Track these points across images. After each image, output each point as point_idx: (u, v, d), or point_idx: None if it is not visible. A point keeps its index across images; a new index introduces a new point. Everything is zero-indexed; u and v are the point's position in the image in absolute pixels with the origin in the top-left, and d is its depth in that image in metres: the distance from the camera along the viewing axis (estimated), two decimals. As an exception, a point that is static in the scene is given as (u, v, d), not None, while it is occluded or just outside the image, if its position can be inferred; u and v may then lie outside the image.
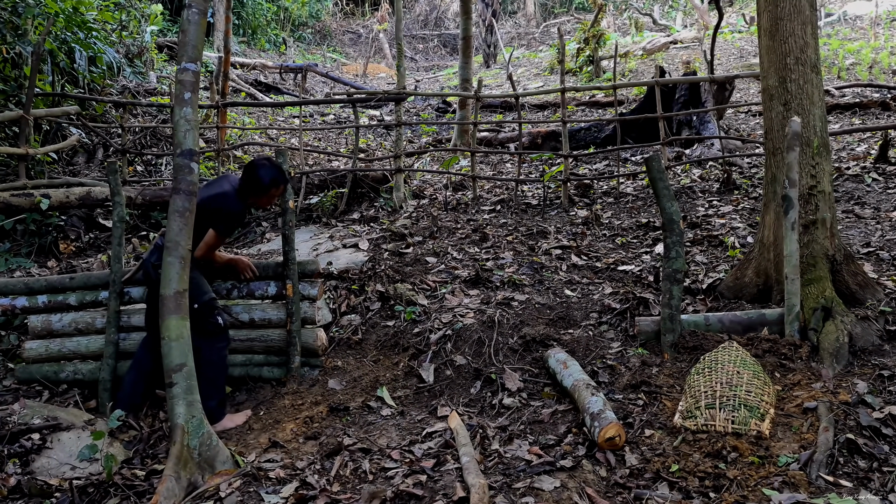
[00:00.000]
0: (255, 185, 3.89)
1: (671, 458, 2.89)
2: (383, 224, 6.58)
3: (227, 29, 10.28)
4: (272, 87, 14.51)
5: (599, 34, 14.02)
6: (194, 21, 3.46)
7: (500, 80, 15.86)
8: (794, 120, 3.88)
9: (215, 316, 3.86)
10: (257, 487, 2.99)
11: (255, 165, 3.89)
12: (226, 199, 3.85)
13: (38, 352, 4.54)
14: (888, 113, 8.88)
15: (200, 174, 8.24)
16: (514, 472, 2.91)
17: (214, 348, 3.86)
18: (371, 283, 5.06)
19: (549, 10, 25.78)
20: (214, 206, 3.81)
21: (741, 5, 19.49)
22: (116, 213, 4.52)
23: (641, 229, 5.98)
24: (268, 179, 3.88)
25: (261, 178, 3.86)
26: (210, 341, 3.83)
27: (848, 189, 6.26)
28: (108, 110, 8.82)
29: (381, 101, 10.89)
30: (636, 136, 8.88)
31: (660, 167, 3.96)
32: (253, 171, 3.86)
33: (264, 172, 3.87)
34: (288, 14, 21.41)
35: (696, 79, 8.53)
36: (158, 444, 3.87)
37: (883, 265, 4.55)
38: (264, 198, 3.97)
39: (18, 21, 7.52)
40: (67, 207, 6.61)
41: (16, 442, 3.60)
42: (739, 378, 3.12)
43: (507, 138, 10.10)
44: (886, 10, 14.93)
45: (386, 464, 3.13)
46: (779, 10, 4.14)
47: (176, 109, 3.44)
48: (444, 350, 4.31)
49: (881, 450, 2.78)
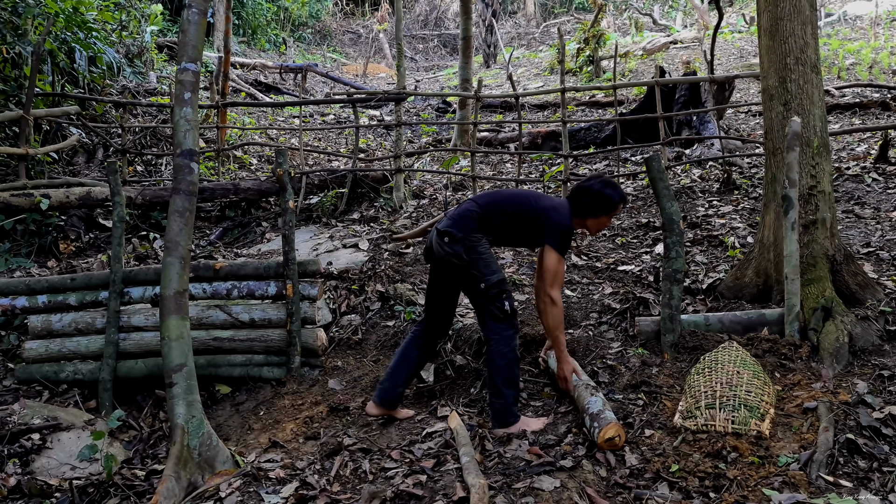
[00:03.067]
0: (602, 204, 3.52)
1: (671, 458, 2.89)
2: (383, 224, 6.58)
3: (227, 29, 10.29)
4: (272, 87, 14.51)
5: (599, 34, 14.02)
6: (194, 21, 3.46)
7: (500, 80, 15.86)
8: (794, 120, 3.88)
9: (503, 300, 3.39)
10: (257, 487, 2.99)
11: (603, 183, 3.55)
12: (551, 216, 3.45)
13: (38, 352, 4.54)
14: (888, 113, 8.88)
15: (200, 174, 8.26)
16: (514, 472, 2.91)
17: (503, 337, 3.40)
18: (371, 283, 5.06)
19: (549, 10, 25.78)
20: (540, 218, 3.42)
21: (741, 5, 19.49)
22: (116, 213, 4.52)
23: (641, 229, 5.98)
24: (617, 198, 3.55)
25: (610, 196, 3.52)
26: (498, 327, 3.41)
27: (848, 189, 6.26)
28: (108, 110, 8.82)
29: (381, 101, 10.89)
30: (636, 136, 8.88)
31: (660, 167, 3.96)
32: (600, 190, 3.52)
33: (612, 192, 3.53)
34: (288, 14, 21.41)
35: (696, 79, 8.53)
36: (158, 444, 3.87)
37: (883, 265, 4.55)
38: (605, 217, 3.59)
39: (18, 21, 7.52)
40: (67, 207, 6.61)
41: (16, 442, 3.60)
42: (739, 378, 3.12)
43: (507, 138, 10.10)
44: (886, 10, 14.93)
45: (386, 464, 3.13)
46: (779, 10, 4.14)
47: (176, 109, 3.44)
48: (444, 350, 4.31)
49: (881, 450, 2.78)
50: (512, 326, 3.45)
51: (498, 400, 3.40)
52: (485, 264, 3.39)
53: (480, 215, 3.45)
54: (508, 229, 3.52)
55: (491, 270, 3.39)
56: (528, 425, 3.34)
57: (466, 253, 3.37)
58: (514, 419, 3.36)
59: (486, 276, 3.37)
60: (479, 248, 3.40)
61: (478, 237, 3.42)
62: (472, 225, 3.43)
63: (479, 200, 3.55)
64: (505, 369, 3.39)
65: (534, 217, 3.46)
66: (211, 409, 4.17)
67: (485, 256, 3.40)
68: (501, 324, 3.41)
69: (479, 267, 3.38)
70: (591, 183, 3.57)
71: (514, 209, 3.51)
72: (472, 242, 3.39)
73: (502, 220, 3.49)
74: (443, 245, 3.41)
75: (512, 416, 3.37)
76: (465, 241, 3.38)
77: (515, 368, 3.44)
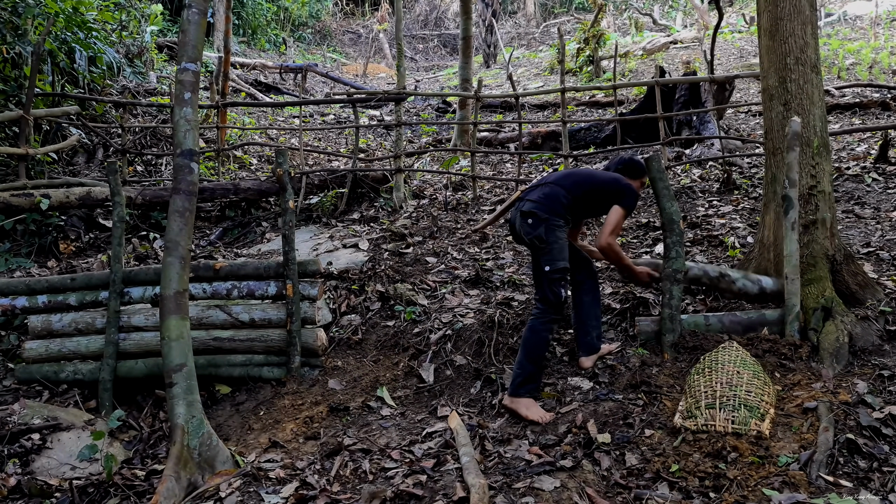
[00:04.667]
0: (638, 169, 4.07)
1: (671, 457, 2.89)
2: (383, 224, 6.58)
3: (227, 29, 10.29)
4: (272, 87, 14.51)
5: (599, 34, 14.02)
6: (194, 21, 3.46)
7: (500, 80, 15.86)
8: (794, 120, 3.88)
9: (560, 287, 3.66)
10: (257, 487, 2.99)
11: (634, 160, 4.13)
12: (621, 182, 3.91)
13: (38, 352, 4.54)
14: (888, 113, 8.87)
15: (200, 174, 8.26)
16: (514, 472, 2.91)
17: (545, 318, 3.67)
18: (371, 283, 5.06)
19: (549, 10, 25.78)
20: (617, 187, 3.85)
21: (741, 5, 19.49)
22: (116, 213, 4.53)
23: (641, 229, 5.98)
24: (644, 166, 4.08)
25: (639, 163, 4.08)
26: (545, 308, 3.67)
27: (848, 189, 6.26)
28: (108, 110, 8.82)
29: (381, 101, 10.89)
30: (636, 136, 8.87)
31: (660, 167, 3.96)
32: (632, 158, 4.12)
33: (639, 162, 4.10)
34: (288, 14, 21.41)
35: (696, 79, 8.53)
36: (158, 444, 3.87)
37: (883, 265, 4.55)
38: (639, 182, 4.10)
39: (18, 21, 7.52)
40: (67, 207, 6.61)
41: (16, 442, 3.60)
42: (739, 378, 3.12)
43: (507, 138, 10.10)
44: (886, 10, 14.93)
45: (386, 464, 3.13)
46: (779, 10, 4.13)
47: (176, 109, 3.44)
48: (444, 350, 4.31)
49: (881, 450, 2.78)
50: (557, 312, 3.72)
51: (518, 370, 3.64)
52: (558, 249, 3.66)
53: (569, 198, 3.76)
54: (593, 204, 3.87)
55: (561, 257, 3.67)
56: (530, 409, 3.52)
57: (546, 234, 3.65)
58: (524, 392, 3.59)
59: (554, 261, 3.64)
60: (558, 233, 3.69)
61: (560, 222, 3.72)
62: (559, 208, 3.72)
63: (563, 183, 3.83)
64: (534, 346, 3.64)
65: (611, 189, 3.83)
66: (211, 409, 4.17)
67: (560, 242, 3.69)
68: (550, 307, 3.67)
69: (552, 251, 3.65)
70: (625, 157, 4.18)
71: (596, 185, 3.86)
72: (553, 225, 3.68)
73: (589, 197, 3.83)
74: (525, 225, 3.72)
75: (524, 389, 3.60)
76: (549, 223, 3.67)
77: (543, 349, 3.69)
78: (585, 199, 3.82)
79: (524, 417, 3.48)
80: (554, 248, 3.65)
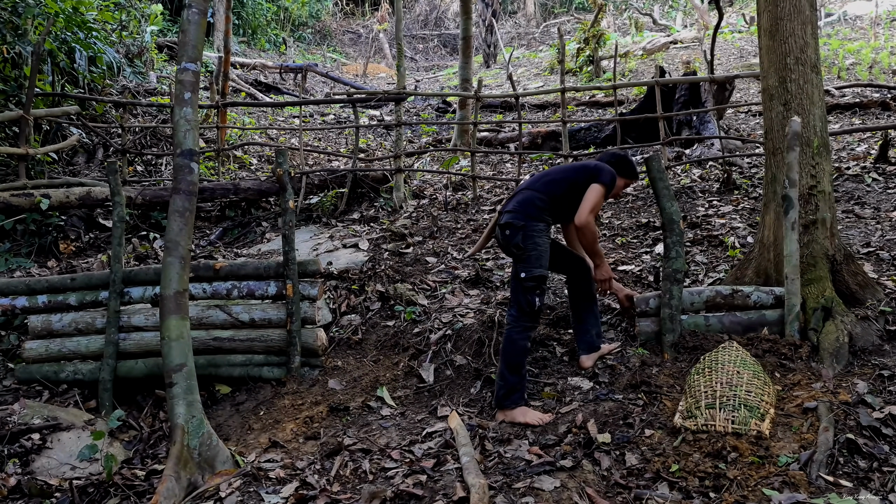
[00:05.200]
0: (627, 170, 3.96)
1: (671, 457, 2.89)
2: (383, 224, 6.58)
3: (227, 29, 10.29)
4: (272, 87, 14.51)
5: (599, 34, 14.01)
6: (194, 21, 3.46)
7: (500, 80, 15.85)
8: (795, 120, 3.88)
9: (534, 295, 3.59)
10: (257, 487, 2.99)
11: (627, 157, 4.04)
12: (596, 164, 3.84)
13: (38, 352, 4.54)
14: (888, 113, 8.87)
15: (200, 174, 8.26)
16: (514, 472, 2.91)
17: (520, 326, 3.60)
18: (371, 283, 5.06)
19: (549, 10, 25.77)
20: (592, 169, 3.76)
21: (741, 5, 19.48)
22: (116, 213, 4.53)
23: (641, 229, 5.98)
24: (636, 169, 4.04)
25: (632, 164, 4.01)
26: (520, 317, 3.61)
27: (848, 189, 6.26)
28: (108, 110, 8.82)
29: (381, 101, 10.89)
30: (636, 136, 8.88)
31: (660, 167, 3.96)
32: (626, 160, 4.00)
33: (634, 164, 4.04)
34: (288, 14, 21.41)
35: (696, 79, 8.53)
36: (158, 444, 3.87)
37: (883, 265, 4.55)
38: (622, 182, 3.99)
39: (18, 21, 7.52)
40: (67, 207, 6.61)
41: (16, 442, 3.60)
42: (739, 378, 3.12)
43: (507, 138, 10.10)
44: (886, 10, 14.92)
45: (386, 464, 3.13)
46: (779, 10, 4.13)
47: (176, 109, 3.44)
48: (444, 350, 4.31)
49: (881, 450, 2.78)
50: (532, 321, 3.65)
51: (500, 381, 3.59)
52: (535, 256, 3.59)
53: (544, 199, 3.69)
54: (576, 197, 3.70)
55: (538, 264, 3.60)
56: (526, 416, 3.46)
57: (524, 241, 3.60)
58: (511, 404, 3.52)
59: (530, 268, 3.58)
60: (537, 240, 3.62)
61: (540, 226, 3.64)
62: (534, 212, 3.65)
63: (535, 186, 3.75)
64: (513, 356, 3.58)
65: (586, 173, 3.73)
66: (211, 409, 4.16)
67: (539, 249, 3.61)
68: (524, 315, 3.61)
69: (529, 258, 3.59)
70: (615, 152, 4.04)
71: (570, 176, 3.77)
72: (532, 231, 3.61)
73: (568, 191, 3.73)
74: (504, 237, 3.69)
75: (510, 400, 3.53)
76: (526, 230, 3.61)
77: (522, 358, 3.61)
78: (565, 195, 3.74)
79: (523, 424, 3.44)
80: (531, 255, 3.59)
